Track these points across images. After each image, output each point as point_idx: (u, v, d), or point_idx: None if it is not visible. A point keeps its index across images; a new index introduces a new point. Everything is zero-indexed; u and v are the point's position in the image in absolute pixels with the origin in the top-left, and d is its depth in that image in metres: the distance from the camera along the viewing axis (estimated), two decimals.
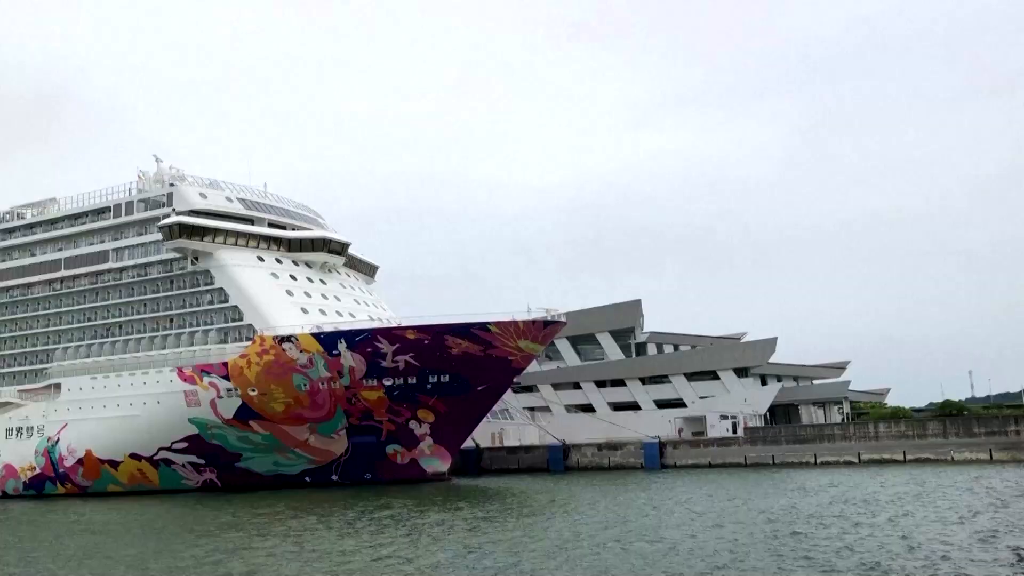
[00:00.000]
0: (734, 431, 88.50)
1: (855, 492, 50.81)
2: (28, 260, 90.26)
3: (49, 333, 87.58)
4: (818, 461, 77.06)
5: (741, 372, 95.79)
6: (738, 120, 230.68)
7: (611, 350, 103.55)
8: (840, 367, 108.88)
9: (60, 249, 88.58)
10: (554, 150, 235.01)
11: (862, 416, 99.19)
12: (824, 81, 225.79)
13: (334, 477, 75.42)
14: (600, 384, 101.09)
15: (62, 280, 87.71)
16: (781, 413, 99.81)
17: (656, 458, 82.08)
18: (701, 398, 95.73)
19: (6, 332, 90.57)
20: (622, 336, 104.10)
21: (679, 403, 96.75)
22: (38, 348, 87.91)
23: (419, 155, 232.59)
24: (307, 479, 75.66)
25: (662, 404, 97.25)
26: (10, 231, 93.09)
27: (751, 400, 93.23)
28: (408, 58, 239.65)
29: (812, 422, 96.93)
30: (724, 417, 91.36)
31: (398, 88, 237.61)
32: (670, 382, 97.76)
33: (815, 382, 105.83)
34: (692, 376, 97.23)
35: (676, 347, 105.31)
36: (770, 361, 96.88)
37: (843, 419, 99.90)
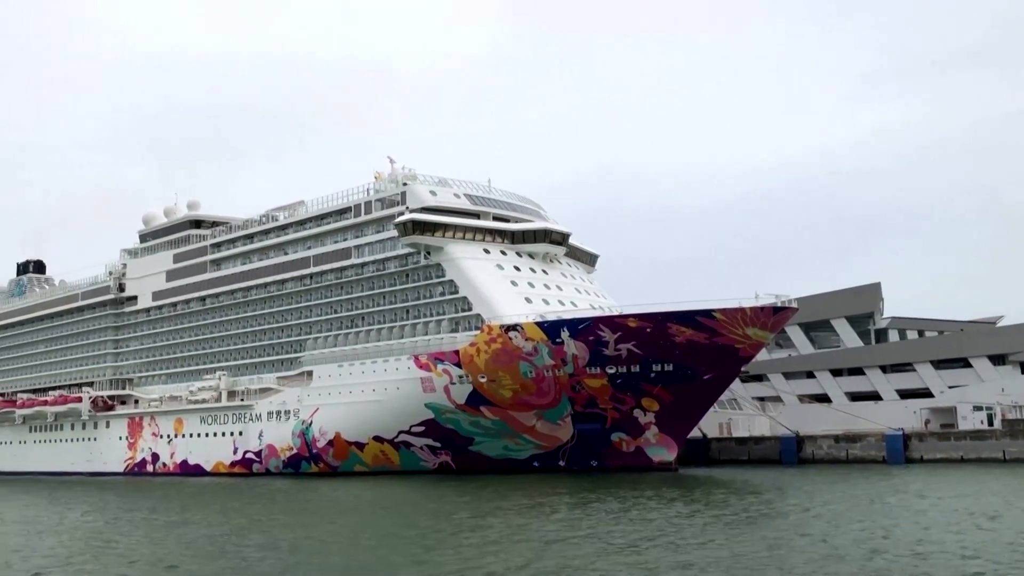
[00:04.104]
0: (990, 423, 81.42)
1: None
2: (282, 258, 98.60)
3: (301, 325, 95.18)
4: None
5: (997, 359, 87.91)
6: (973, 86, 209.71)
7: (847, 337, 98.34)
8: None
9: (309, 248, 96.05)
10: (771, 129, 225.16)
11: None
12: None
13: (561, 463, 76.82)
14: (836, 373, 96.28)
15: (311, 276, 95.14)
16: None
17: (900, 452, 77.07)
18: (950, 387, 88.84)
19: (266, 324, 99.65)
20: (860, 322, 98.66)
21: (925, 393, 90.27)
22: (292, 339, 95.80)
23: (630, 147, 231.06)
24: (535, 464, 77.57)
25: (905, 394, 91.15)
26: (266, 232, 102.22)
27: (1010, 390, 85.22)
28: (611, 53, 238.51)
29: None
30: (978, 408, 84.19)
31: (601, 83, 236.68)
32: (914, 370, 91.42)
33: None
34: (940, 364, 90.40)
35: (921, 333, 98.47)
36: None
37: None
